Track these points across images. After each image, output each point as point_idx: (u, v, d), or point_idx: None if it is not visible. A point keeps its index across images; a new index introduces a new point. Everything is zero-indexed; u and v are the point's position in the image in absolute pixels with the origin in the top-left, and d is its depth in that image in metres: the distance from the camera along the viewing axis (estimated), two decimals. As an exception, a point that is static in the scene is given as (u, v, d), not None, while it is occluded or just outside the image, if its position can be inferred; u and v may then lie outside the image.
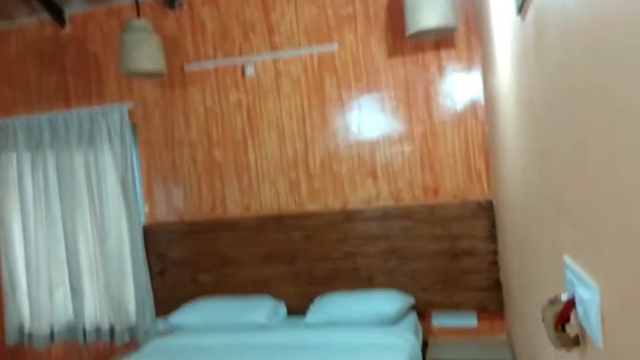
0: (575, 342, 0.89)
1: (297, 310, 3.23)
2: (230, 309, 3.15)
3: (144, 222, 3.55)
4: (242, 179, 3.41)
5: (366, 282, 3.16)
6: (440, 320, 3.11)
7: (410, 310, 3.04)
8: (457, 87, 3.06)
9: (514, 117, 1.71)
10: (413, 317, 2.99)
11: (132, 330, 3.47)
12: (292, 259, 3.28)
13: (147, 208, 3.58)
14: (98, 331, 3.52)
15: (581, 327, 0.87)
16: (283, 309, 3.23)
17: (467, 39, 3.04)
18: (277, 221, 3.30)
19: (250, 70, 3.34)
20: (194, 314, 3.17)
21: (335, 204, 3.26)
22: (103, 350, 3.66)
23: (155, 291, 3.47)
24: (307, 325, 2.98)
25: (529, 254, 1.60)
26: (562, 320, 0.87)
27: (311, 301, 3.17)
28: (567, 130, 0.93)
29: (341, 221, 3.20)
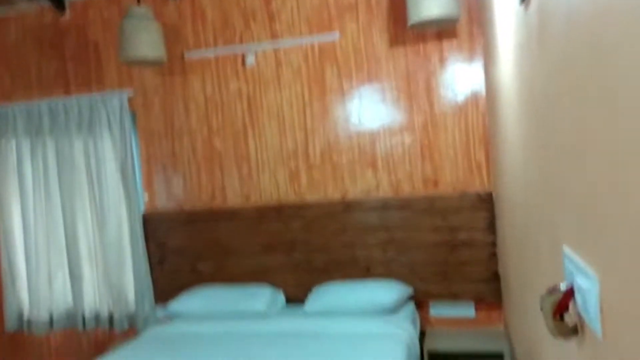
0: (574, 331, 0.90)
1: (295, 299, 3.24)
2: (229, 297, 3.17)
3: (144, 211, 3.56)
4: (242, 169, 3.41)
5: (365, 272, 3.17)
6: (438, 310, 3.13)
7: (409, 300, 3.06)
8: (459, 78, 3.05)
9: (515, 107, 1.70)
10: (411, 307, 3.01)
11: (131, 318, 3.49)
12: (291, 249, 3.29)
13: (147, 196, 3.58)
14: (97, 318, 3.54)
15: (580, 317, 0.87)
16: (282, 298, 3.24)
17: (469, 29, 3.02)
18: (277, 211, 3.30)
19: (250, 59, 3.32)
20: (193, 301, 3.18)
21: (334, 195, 3.26)
22: (102, 337, 3.68)
23: (155, 279, 3.48)
24: (305, 314, 3.00)
25: (528, 244, 1.61)
26: (560, 310, 0.88)
27: (310, 290, 3.19)
28: (569, 120, 0.93)
29: (340, 212, 3.20)
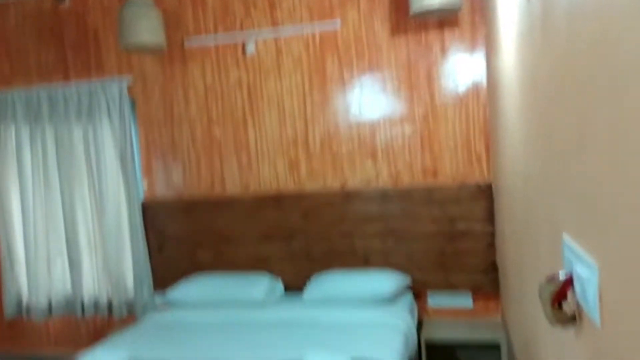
0: (572, 320, 0.90)
1: (294, 288, 3.25)
2: (227, 285, 3.17)
3: (143, 198, 3.55)
4: (242, 158, 3.40)
5: (363, 262, 3.18)
6: (435, 300, 3.14)
7: (406, 290, 3.07)
8: (460, 69, 3.04)
9: (517, 97, 1.70)
10: (409, 297, 3.02)
11: (130, 305, 3.50)
12: (290, 238, 3.29)
13: (146, 184, 3.57)
14: (96, 305, 3.55)
15: (578, 305, 0.87)
16: (280, 287, 3.25)
17: (471, 19, 3.00)
18: (276, 200, 3.30)
19: (251, 48, 3.30)
20: (192, 289, 3.19)
21: (334, 184, 3.26)
22: (101, 323, 3.70)
23: (154, 267, 3.49)
24: (303, 303, 3.01)
25: (527, 234, 1.61)
26: (559, 298, 0.88)
27: (308, 279, 3.20)
28: (571, 110, 0.92)
29: (340, 201, 3.20)
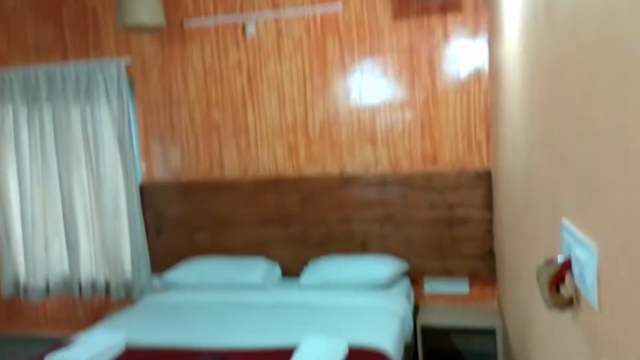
0: (569, 303, 0.89)
1: (291, 273, 3.26)
2: (225, 268, 3.18)
3: (141, 180, 3.54)
4: (240, 141, 3.38)
5: (361, 247, 3.18)
6: (432, 286, 3.15)
7: (403, 275, 3.08)
8: (462, 54, 3.00)
9: (519, 82, 1.68)
10: (406, 282, 3.03)
11: (127, 286, 3.50)
12: (288, 222, 3.29)
13: (144, 166, 3.56)
14: (93, 286, 3.55)
15: (576, 288, 0.87)
16: (278, 271, 3.26)
17: (475, 3, 2.96)
18: (275, 184, 3.29)
19: (251, 29, 3.26)
20: (190, 272, 3.19)
21: (333, 169, 3.25)
22: (98, 304, 3.71)
23: (151, 249, 3.49)
24: (300, 287, 3.02)
25: (526, 220, 1.60)
26: (557, 281, 0.87)
27: (306, 264, 3.20)
28: (574, 93, 0.91)
29: (338, 186, 3.19)
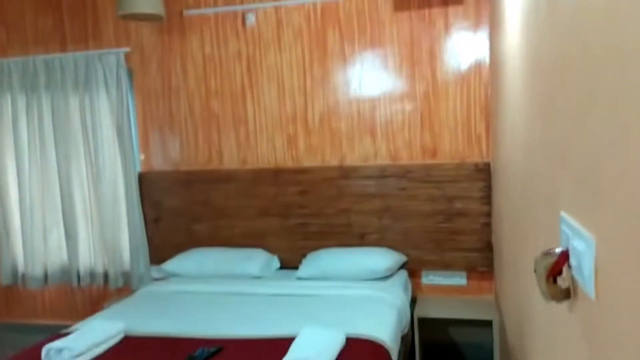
0: (566, 294, 0.90)
1: (289, 265, 3.26)
2: (224, 259, 3.18)
3: (140, 170, 3.54)
4: (240, 132, 3.37)
5: (359, 239, 3.18)
6: (430, 278, 3.16)
7: (401, 267, 3.08)
8: (463, 46, 2.99)
9: (520, 75, 1.67)
10: (403, 274, 3.04)
11: (126, 276, 3.51)
12: (286, 214, 3.29)
13: (143, 156, 3.55)
14: (92, 275, 3.56)
15: (573, 280, 0.87)
16: (276, 262, 3.26)
17: (476, -5, 2.95)
18: (273, 175, 3.29)
19: (251, 19, 3.24)
20: (188, 262, 3.20)
21: (332, 161, 3.24)
22: (97, 293, 3.72)
23: (150, 239, 3.49)
24: (298, 279, 3.02)
25: (524, 213, 1.61)
26: (554, 272, 0.88)
27: (304, 256, 3.21)
28: (575, 86, 0.90)
29: (337, 178, 3.19)
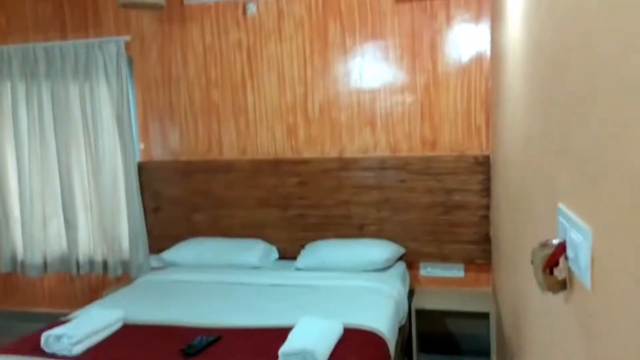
0: (562, 285, 0.90)
1: (288, 255, 3.27)
2: (223, 249, 3.20)
3: (139, 159, 3.54)
4: (239, 122, 3.37)
5: (358, 230, 3.19)
6: (427, 270, 3.17)
7: (400, 259, 3.09)
8: (464, 39, 2.98)
9: (520, 67, 1.67)
10: (401, 266, 3.05)
11: (125, 265, 3.52)
12: (285, 204, 3.29)
13: (143, 145, 3.55)
14: (91, 263, 3.57)
15: (569, 271, 0.88)
16: (275, 253, 3.28)
17: (478, -13, 2.93)
18: (273, 166, 3.29)
19: (252, 8, 3.23)
20: (188, 252, 3.21)
21: (331, 152, 3.24)
22: (96, 281, 3.73)
23: (149, 228, 3.50)
24: (297, 269, 3.04)
25: (522, 206, 1.61)
26: (551, 264, 0.88)
27: (303, 247, 3.22)
28: (575, 79, 0.90)
29: (337, 169, 3.19)
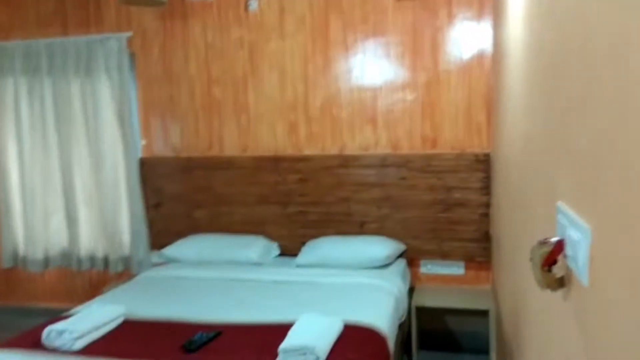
0: (561, 283, 0.91)
1: (288, 252, 3.28)
2: (224, 246, 3.20)
3: (141, 155, 3.54)
4: (241, 119, 3.37)
5: (358, 227, 3.20)
6: (428, 267, 3.18)
7: (400, 256, 3.10)
8: (465, 36, 2.98)
9: (522, 65, 1.67)
10: (402, 263, 3.06)
11: (126, 261, 3.53)
12: (286, 201, 3.30)
13: (144, 141, 3.55)
14: (92, 259, 3.58)
15: (567, 269, 0.88)
16: (275, 250, 3.28)
17: (480, -15, 2.93)
18: (274, 163, 3.30)
19: (253, 4, 3.23)
20: (188, 248, 3.22)
21: (332, 149, 3.25)
22: (97, 277, 3.75)
23: (150, 224, 3.51)
24: (297, 266, 3.05)
25: (522, 203, 1.62)
26: (549, 261, 0.89)
27: (303, 244, 3.22)
28: (576, 78, 0.91)
29: (337, 166, 3.20)
